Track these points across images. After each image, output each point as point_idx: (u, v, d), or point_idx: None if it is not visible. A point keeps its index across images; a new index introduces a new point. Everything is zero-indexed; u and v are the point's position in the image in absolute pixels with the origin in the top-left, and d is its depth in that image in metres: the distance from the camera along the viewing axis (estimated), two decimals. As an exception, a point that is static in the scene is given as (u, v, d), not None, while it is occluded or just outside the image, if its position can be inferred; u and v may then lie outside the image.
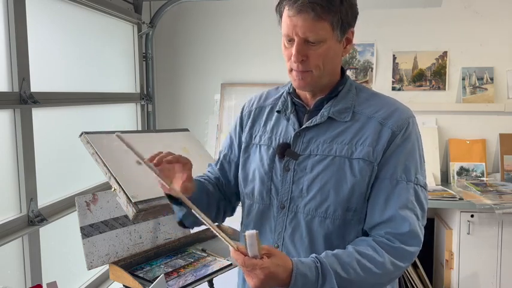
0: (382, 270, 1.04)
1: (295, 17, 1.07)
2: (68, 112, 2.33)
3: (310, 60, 1.10)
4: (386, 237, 1.08)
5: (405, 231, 1.07)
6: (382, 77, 3.15)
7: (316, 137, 1.15)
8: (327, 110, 1.15)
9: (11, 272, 1.88)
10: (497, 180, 2.96)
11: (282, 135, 1.20)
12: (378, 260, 1.04)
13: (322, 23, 1.06)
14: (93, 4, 2.46)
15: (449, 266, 2.69)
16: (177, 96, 3.39)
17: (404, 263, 1.08)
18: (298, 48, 1.09)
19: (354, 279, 1.01)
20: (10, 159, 1.86)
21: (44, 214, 1.97)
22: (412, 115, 1.17)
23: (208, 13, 3.26)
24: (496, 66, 3.03)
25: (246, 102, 1.34)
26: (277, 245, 1.16)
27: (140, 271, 1.86)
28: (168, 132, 2.26)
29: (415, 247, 1.10)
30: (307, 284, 0.97)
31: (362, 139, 1.11)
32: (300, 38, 1.08)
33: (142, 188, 1.75)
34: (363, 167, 1.10)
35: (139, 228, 2.03)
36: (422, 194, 1.13)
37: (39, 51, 2.03)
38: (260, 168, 1.20)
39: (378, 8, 3.09)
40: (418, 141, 1.16)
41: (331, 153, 1.12)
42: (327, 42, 1.09)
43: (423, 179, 1.15)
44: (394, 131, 1.11)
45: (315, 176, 1.13)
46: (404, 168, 1.10)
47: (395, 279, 1.18)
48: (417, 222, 1.09)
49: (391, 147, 1.10)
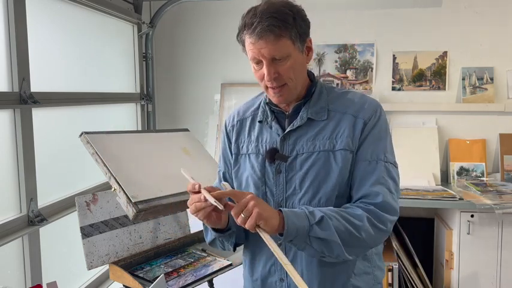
0: (360, 223, 1.14)
1: (257, 42, 1.17)
2: (68, 112, 2.33)
3: (281, 75, 1.20)
4: (363, 204, 1.20)
5: (378, 202, 1.18)
6: (382, 77, 3.15)
7: (299, 137, 1.26)
8: (304, 112, 1.27)
9: (11, 272, 1.88)
10: (497, 180, 2.96)
11: (268, 141, 1.30)
12: (355, 212, 1.17)
13: (283, 40, 1.17)
14: (93, 4, 2.46)
15: (449, 266, 2.69)
16: (177, 96, 3.39)
17: (381, 226, 1.17)
18: (268, 68, 1.19)
19: (336, 224, 1.12)
20: (10, 159, 1.86)
21: (44, 214, 1.97)
22: (379, 105, 1.29)
23: (208, 13, 3.26)
24: (496, 66, 3.03)
25: (227, 119, 1.44)
26: (280, 242, 1.19)
27: (140, 271, 1.86)
28: (168, 132, 2.26)
29: (390, 216, 1.19)
30: (299, 217, 1.11)
31: (340, 132, 1.24)
32: (267, 59, 1.18)
33: (142, 188, 1.75)
34: (345, 156, 1.22)
35: (139, 228, 2.03)
36: (393, 170, 1.24)
37: (39, 51, 2.03)
38: (253, 175, 1.30)
39: (378, 8, 3.09)
40: (385, 126, 1.27)
41: (316, 149, 1.24)
42: (292, 55, 1.19)
43: (392, 158, 1.26)
44: (364, 120, 1.24)
45: (305, 172, 1.24)
46: (374, 150, 1.23)
47: (375, 247, 1.27)
48: (390, 195, 1.20)
49: (363, 134, 1.23)
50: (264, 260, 1.31)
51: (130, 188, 1.71)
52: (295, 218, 1.11)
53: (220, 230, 1.26)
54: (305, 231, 1.11)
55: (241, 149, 1.36)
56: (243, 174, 1.33)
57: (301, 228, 1.11)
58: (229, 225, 1.25)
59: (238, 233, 1.30)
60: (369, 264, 1.30)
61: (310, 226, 1.11)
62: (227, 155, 1.40)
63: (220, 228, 1.25)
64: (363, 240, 1.16)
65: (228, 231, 1.26)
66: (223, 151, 1.42)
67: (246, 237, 1.34)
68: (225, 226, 1.24)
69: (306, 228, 1.11)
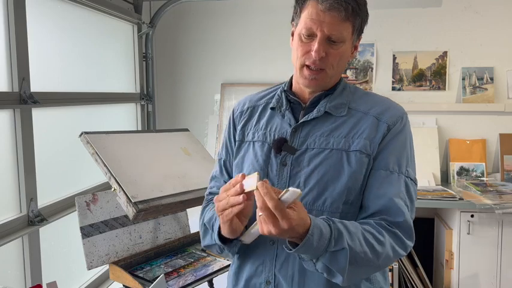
0: (382, 249, 1.03)
1: (325, 12, 1.06)
2: (68, 112, 2.33)
3: (328, 58, 1.10)
4: (386, 223, 1.08)
5: (400, 221, 1.07)
6: (382, 77, 3.15)
7: (313, 131, 1.15)
8: (323, 105, 1.16)
9: (11, 272, 1.88)
10: (497, 180, 2.96)
11: (277, 131, 1.19)
12: (379, 238, 1.04)
13: (348, 24, 1.09)
14: (93, 4, 2.46)
15: (449, 266, 2.69)
16: (177, 96, 3.39)
17: (402, 252, 1.08)
18: (319, 46, 1.08)
19: (358, 251, 0.99)
20: (10, 159, 1.86)
21: (44, 214, 1.97)
22: (405, 112, 1.19)
23: (208, 13, 3.26)
24: (496, 66, 3.03)
25: (236, 105, 1.33)
26: (272, 241, 1.14)
27: (140, 271, 1.86)
28: (168, 132, 2.26)
29: (411, 242, 1.10)
30: (321, 239, 0.95)
31: (359, 132, 1.13)
32: (323, 36, 1.08)
33: (142, 188, 1.75)
34: (360, 159, 1.10)
35: (139, 228, 2.03)
36: (412, 187, 1.13)
37: (39, 51, 2.03)
38: (255, 164, 1.18)
39: (378, 8, 3.09)
40: (409, 137, 1.17)
41: (329, 147, 1.13)
42: (345, 43, 1.11)
43: (413, 173, 1.15)
44: (389, 125, 1.13)
45: (312, 169, 1.12)
46: (396, 160, 1.12)
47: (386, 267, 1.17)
48: (408, 214, 1.10)
49: (385, 140, 1.12)
50: (253, 258, 1.18)
51: (130, 188, 1.71)
52: (317, 239, 0.95)
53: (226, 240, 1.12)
54: (316, 254, 0.97)
55: (247, 136, 1.24)
56: (244, 162, 1.21)
57: (315, 250, 0.96)
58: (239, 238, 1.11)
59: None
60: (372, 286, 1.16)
61: (325, 251, 0.97)
62: (230, 142, 1.29)
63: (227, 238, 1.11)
64: (377, 267, 1.05)
65: (234, 241, 1.13)
66: (227, 138, 1.31)
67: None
68: (234, 237, 1.09)
69: (320, 251, 0.97)
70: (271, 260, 1.14)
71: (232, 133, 1.29)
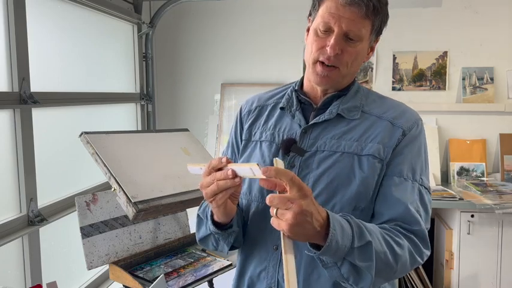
0: (402, 252, 0.97)
1: (345, 7, 1.02)
2: (68, 112, 2.33)
3: (343, 56, 1.06)
4: (403, 230, 1.02)
5: (417, 229, 1.03)
6: (382, 77, 3.15)
7: (323, 133, 1.11)
8: (335, 107, 1.12)
9: (11, 272, 1.88)
10: (497, 180, 2.96)
11: (286, 131, 1.15)
12: (398, 240, 0.98)
13: (367, 21, 1.05)
14: (93, 4, 2.46)
15: (449, 266, 2.69)
16: (177, 96, 3.39)
17: (418, 258, 1.02)
18: (336, 42, 1.04)
19: (378, 250, 0.93)
20: (10, 159, 1.86)
21: (44, 214, 1.97)
22: (420, 118, 1.15)
23: (208, 13, 3.26)
24: (496, 66, 3.03)
25: (244, 103, 1.29)
26: (276, 246, 1.10)
27: (140, 271, 1.86)
28: (168, 132, 2.26)
29: (427, 250, 1.05)
30: (344, 234, 0.88)
31: (372, 136, 1.08)
32: (341, 31, 1.04)
33: (142, 188, 1.75)
34: (373, 164, 1.06)
35: (139, 228, 2.03)
36: (426, 196, 1.09)
37: (39, 51, 2.03)
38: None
39: (378, 8, 3.09)
40: (424, 143, 1.13)
41: (339, 150, 1.08)
42: (362, 42, 1.07)
43: (427, 182, 1.11)
44: (404, 130, 1.09)
45: (321, 172, 1.07)
46: (410, 168, 1.07)
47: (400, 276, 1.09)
48: (423, 224, 1.05)
49: (399, 146, 1.08)
50: (256, 262, 1.14)
51: (130, 188, 1.71)
52: (340, 234, 0.88)
53: (220, 225, 1.08)
54: (343, 252, 0.89)
55: (254, 135, 1.20)
56: (249, 162, 1.14)
57: (341, 248, 0.88)
58: (232, 222, 1.08)
59: (238, 235, 1.14)
60: None
61: (351, 248, 0.89)
62: (236, 141, 1.25)
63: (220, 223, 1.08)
64: (394, 272, 0.98)
65: (229, 229, 1.09)
66: (233, 137, 1.27)
67: (244, 241, 1.18)
68: (229, 221, 1.07)
69: (346, 249, 0.89)
70: (275, 266, 1.11)
71: (239, 132, 1.25)
